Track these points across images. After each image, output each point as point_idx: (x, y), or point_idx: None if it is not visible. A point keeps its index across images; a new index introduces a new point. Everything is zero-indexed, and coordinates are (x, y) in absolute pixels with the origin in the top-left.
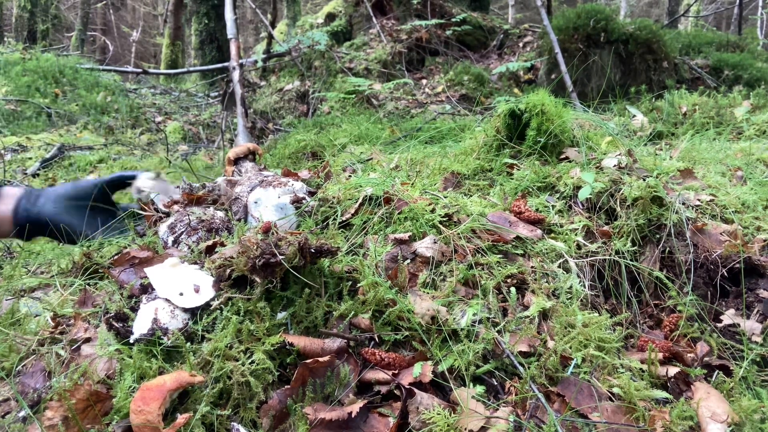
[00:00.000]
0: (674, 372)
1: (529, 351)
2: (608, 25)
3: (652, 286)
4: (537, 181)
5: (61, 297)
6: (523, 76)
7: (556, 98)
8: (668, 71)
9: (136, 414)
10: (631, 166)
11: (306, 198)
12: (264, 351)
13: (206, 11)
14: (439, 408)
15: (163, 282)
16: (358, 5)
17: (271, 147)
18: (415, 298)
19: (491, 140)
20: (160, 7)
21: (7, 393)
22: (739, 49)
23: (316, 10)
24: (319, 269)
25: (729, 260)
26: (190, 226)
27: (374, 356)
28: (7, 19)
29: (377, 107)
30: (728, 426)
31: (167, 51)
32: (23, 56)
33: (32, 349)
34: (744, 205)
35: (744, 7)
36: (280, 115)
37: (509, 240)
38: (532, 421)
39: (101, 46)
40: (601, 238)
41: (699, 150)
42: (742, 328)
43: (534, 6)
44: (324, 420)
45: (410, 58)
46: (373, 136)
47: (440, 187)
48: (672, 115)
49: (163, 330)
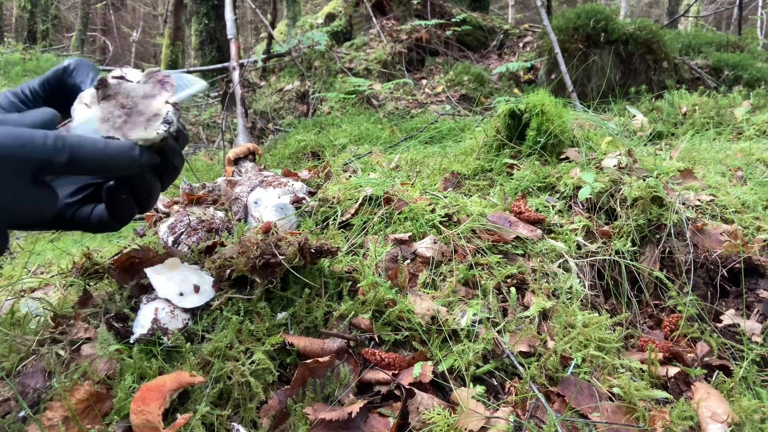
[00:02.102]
0: (674, 372)
1: (529, 351)
2: (608, 25)
3: (652, 286)
4: (537, 181)
5: (60, 297)
6: (523, 76)
7: (556, 98)
8: (668, 71)
9: (136, 414)
10: (631, 166)
11: (306, 198)
12: (264, 351)
13: (206, 11)
14: (439, 408)
15: (163, 282)
16: (358, 5)
17: (271, 147)
18: (415, 298)
19: (491, 140)
20: (160, 7)
21: (7, 393)
22: (739, 49)
23: (316, 10)
24: (319, 269)
25: (729, 260)
26: (190, 226)
27: (374, 356)
28: (7, 19)
29: (377, 107)
30: (728, 426)
31: (167, 51)
32: (23, 56)
33: (32, 349)
34: (744, 205)
35: (744, 7)
36: (280, 115)
37: (509, 240)
38: (532, 421)
39: (101, 46)
40: (601, 238)
41: (699, 150)
42: (742, 328)
43: (534, 6)
44: (324, 420)
45: (410, 58)
46: (373, 136)
47: (440, 187)
48: (672, 115)
49: (163, 330)
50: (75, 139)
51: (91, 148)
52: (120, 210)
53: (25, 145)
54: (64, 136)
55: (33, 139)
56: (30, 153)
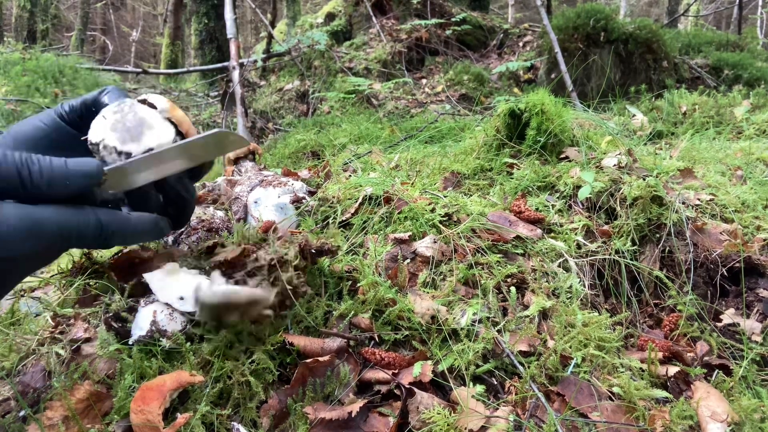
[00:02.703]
0: (674, 371)
1: (529, 350)
2: (608, 24)
3: (652, 286)
4: (537, 181)
5: (60, 297)
6: (523, 76)
7: (556, 98)
8: (668, 71)
9: (136, 413)
10: (631, 165)
11: (306, 197)
12: (264, 351)
13: (206, 11)
14: (439, 407)
15: (162, 288)
16: (358, 5)
17: (271, 146)
18: (415, 297)
19: (491, 140)
20: (160, 7)
21: (7, 393)
22: (739, 49)
23: (315, 10)
24: (319, 269)
25: (729, 259)
26: (189, 225)
27: (374, 356)
28: (7, 18)
29: (377, 107)
30: (728, 425)
31: (167, 51)
32: (23, 56)
33: (32, 349)
34: (744, 204)
35: (744, 6)
36: (280, 115)
37: (509, 239)
38: (532, 421)
39: (101, 45)
40: (601, 237)
41: (699, 149)
42: (742, 327)
43: (534, 6)
44: (324, 419)
45: (410, 57)
46: (373, 135)
47: (440, 187)
48: (672, 114)
49: (162, 332)
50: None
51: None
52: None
53: (71, 236)
54: (106, 224)
55: (79, 230)
56: (73, 242)
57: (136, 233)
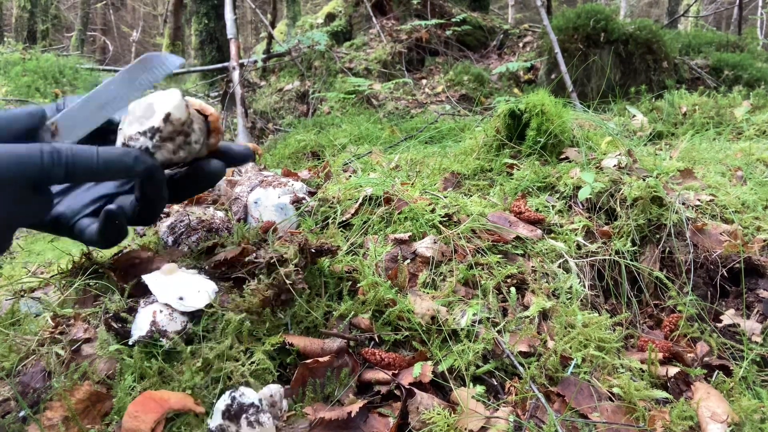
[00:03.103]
0: (674, 372)
1: (529, 351)
2: (608, 25)
3: (652, 286)
4: (537, 181)
5: (60, 297)
6: (523, 76)
7: (556, 98)
8: (668, 71)
9: (130, 417)
10: (631, 166)
11: (306, 198)
12: (264, 351)
13: (206, 11)
14: (439, 408)
15: (161, 289)
16: (358, 5)
17: (271, 147)
18: (415, 298)
19: (491, 140)
20: (160, 7)
21: (7, 393)
22: (739, 49)
23: (316, 10)
24: (319, 269)
25: (729, 260)
26: (189, 226)
27: (374, 356)
28: (7, 19)
29: (377, 107)
30: (728, 426)
31: (167, 51)
32: (23, 56)
33: (32, 349)
34: (744, 205)
35: (744, 7)
36: (280, 115)
37: (509, 240)
38: (532, 421)
39: (101, 46)
40: (601, 238)
41: (699, 150)
42: (742, 328)
43: (534, 6)
44: (324, 420)
45: (410, 58)
46: (373, 136)
47: (440, 187)
48: (672, 115)
49: (162, 332)
50: (69, 152)
51: (85, 158)
52: (107, 232)
53: (23, 163)
54: (59, 149)
55: (30, 157)
56: (29, 171)
57: (102, 164)
